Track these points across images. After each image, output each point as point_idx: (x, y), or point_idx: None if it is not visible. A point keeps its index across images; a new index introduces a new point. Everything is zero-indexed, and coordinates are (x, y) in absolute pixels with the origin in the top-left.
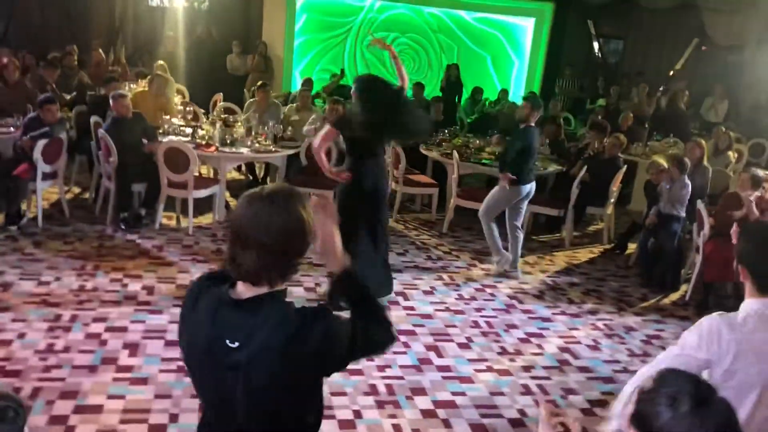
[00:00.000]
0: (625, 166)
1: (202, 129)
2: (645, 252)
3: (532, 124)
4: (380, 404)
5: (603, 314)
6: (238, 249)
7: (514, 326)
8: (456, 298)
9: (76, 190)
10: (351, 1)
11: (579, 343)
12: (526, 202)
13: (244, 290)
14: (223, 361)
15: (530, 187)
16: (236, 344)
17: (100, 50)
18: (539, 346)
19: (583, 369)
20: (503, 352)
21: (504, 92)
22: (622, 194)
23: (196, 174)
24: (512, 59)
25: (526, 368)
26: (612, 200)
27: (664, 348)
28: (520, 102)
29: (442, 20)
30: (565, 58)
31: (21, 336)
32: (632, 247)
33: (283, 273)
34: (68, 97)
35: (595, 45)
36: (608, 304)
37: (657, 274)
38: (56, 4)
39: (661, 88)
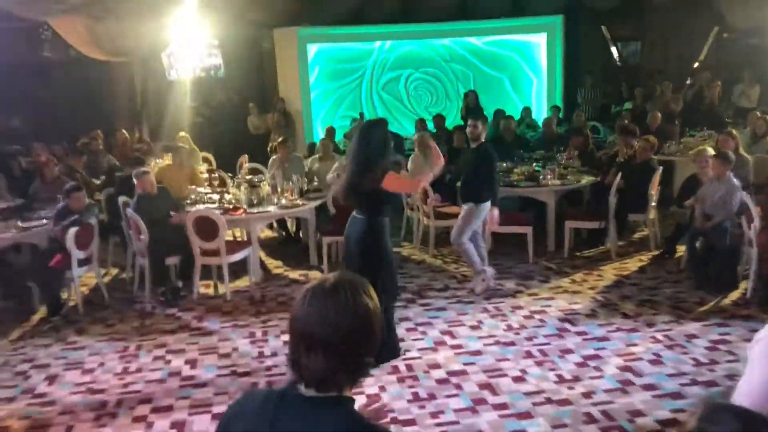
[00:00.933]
0: (661, 167)
1: (229, 193)
2: (695, 253)
3: (483, 140)
4: None
5: (661, 325)
6: (301, 351)
7: (569, 351)
8: (505, 330)
9: (114, 271)
10: (360, 46)
11: (640, 359)
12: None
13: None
14: None
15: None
16: None
17: (124, 131)
18: (598, 369)
19: (647, 387)
20: (561, 380)
21: (527, 110)
22: (664, 196)
23: (230, 238)
24: (530, 77)
25: (587, 395)
26: (653, 204)
27: (732, 353)
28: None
29: (454, 50)
30: (584, 67)
31: (69, 429)
32: (681, 249)
33: (352, 376)
34: (97, 181)
35: (613, 50)
36: (665, 313)
37: (712, 275)
38: (80, 94)
39: (687, 82)
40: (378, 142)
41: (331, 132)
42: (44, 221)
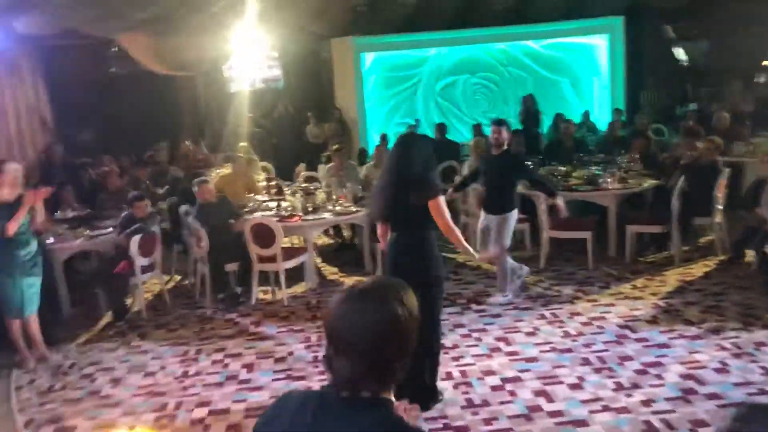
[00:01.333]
0: (728, 169)
1: (286, 201)
2: (765, 258)
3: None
4: None
5: (728, 332)
6: (332, 352)
7: (628, 358)
8: (562, 336)
9: (177, 277)
10: (416, 54)
11: (704, 367)
12: None
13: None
14: None
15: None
16: None
17: (187, 143)
18: (659, 377)
19: (712, 396)
20: (619, 387)
21: (587, 114)
22: (732, 199)
23: (287, 245)
24: (591, 80)
25: (647, 403)
26: (719, 207)
27: None
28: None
29: (511, 53)
30: (647, 69)
31: (131, 429)
32: (750, 254)
33: (381, 382)
34: (161, 191)
35: (679, 50)
36: (732, 320)
37: None
38: (146, 107)
39: (758, 80)
40: (429, 158)
41: (384, 139)
42: (110, 230)
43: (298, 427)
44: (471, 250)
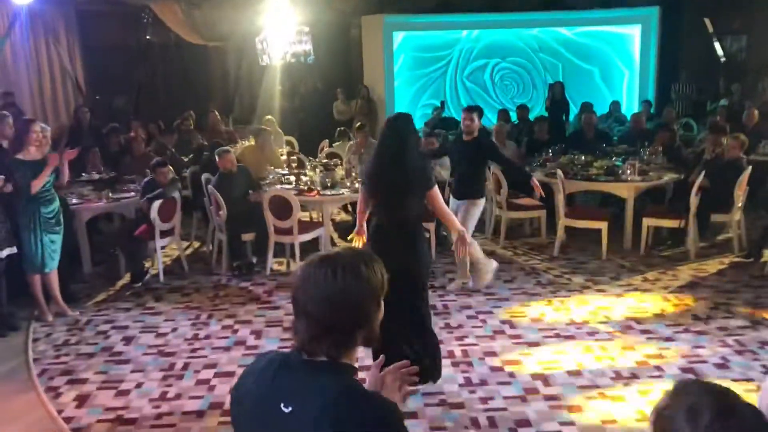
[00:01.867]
0: (750, 167)
1: (306, 176)
2: None
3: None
4: None
5: (734, 329)
6: (294, 314)
7: (630, 348)
8: (567, 323)
9: (196, 244)
10: (447, 35)
11: (705, 362)
12: None
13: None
14: (273, 424)
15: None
16: (289, 409)
17: (216, 112)
18: (658, 369)
19: None
20: (617, 376)
21: (615, 104)
22: (756, 198)
23: (307, 219)
24: (622, 70)
25: (644, 393)
26: (739, 205)
27: None
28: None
29: (543, 40)
30: (680, 61)
31: (138, 386)
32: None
33: (337, 347)
34: (185, 159)
35: (716, 44)
36: (740, 318)
37: None
38: (177, 75)
39: None
40: (418, 141)
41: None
42: (133, 194)
43: (261, 385)
44: (465, 231)
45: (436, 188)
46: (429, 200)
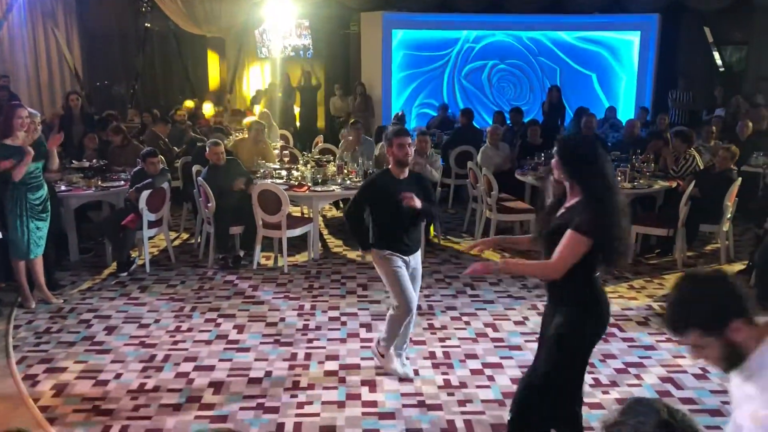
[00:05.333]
0: (740, 178)
1: (297, 170)
2: (766, 269)
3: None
4: None
5: None
6: None
7: (611, 356)
8: None
9: (185, 235)
10: (446, 34)
11: (684, 372)
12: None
13: None
14: None
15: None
16: None
17: (212, 104)
18: (638, 377)
19: (686, 401)
20: (597, 384)
21: (611, 110)
22: (746, 209)
23: (297, 214)
24: (620, 76)
25: (621, 401)
26: (728, 216)
27: None
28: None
29: (542, 43)
30: (679, 70)
31: (117, 377)
32: None
33: None
34: (177, 150)
35: (715, 54)
36: None
37: None
38: (176, 66)
39: None
40: None
41: (401, 118)
42: (123, 183)
43: None
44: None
45: None
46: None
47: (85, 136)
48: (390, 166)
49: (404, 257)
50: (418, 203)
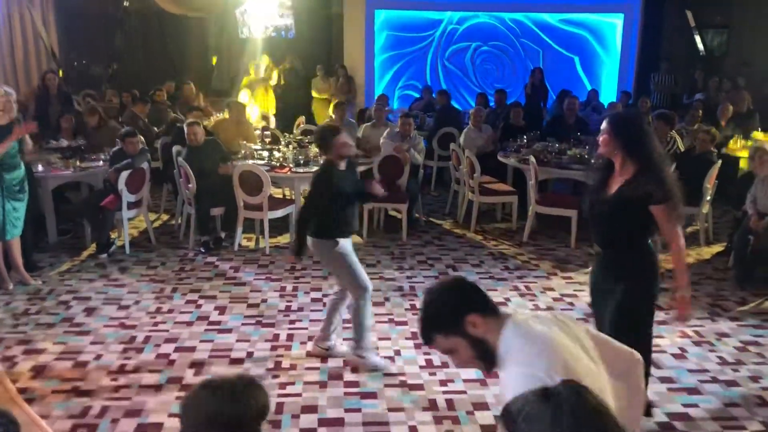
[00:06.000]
0: (719, 161)
1: (279, 152)
2: (744, 252)
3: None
4: (438, 420)
5: (693, 320)
6: None
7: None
8: (531, 308)
9: (165, 216)
10: (430, 15)
11: (663, 351)
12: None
13: None
14: None
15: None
16: None
17: (192, 84)
18: None
19: (665, 379)
20: None
21: (594, 93)
22: (726, 192)
23: (279, 196)
24: (602, 59)
25: None
26: (707, 199)
27: (762, 355)
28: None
29: (525, 25)
30: (662, 53)
31: (97, 358)
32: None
33: None
34: (157, 130)
35: (697, 38)
36: (700, 310)
37: (759, 276)
38: (156, 46)
39: None
40: None
41: (383, 98)
42: (101, 163)
43: None
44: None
45: None
46: None
47: (62, 116)
48: (333, 159)
49: (349, 238)
50: (382, 190)
